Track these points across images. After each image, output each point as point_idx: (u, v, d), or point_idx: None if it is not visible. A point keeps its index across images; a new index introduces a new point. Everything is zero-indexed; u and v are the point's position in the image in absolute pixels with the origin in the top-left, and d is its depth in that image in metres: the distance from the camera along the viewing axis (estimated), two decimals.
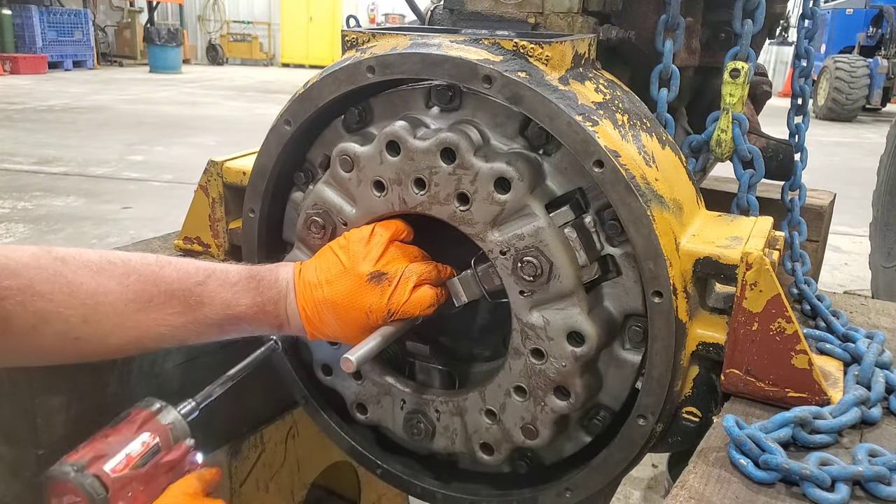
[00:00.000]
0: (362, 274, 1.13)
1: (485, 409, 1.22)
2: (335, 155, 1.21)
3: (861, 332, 1.30)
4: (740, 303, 1.05)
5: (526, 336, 1.14)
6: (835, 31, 16.51)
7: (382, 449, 1.43)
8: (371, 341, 1.12)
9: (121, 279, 1.06)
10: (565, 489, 1.23)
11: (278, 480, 1.73)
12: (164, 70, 20.01)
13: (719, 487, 0.90)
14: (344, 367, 1.09)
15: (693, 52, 1.61)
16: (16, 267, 0.96)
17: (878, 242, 4.31)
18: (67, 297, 1.00)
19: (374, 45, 1.22)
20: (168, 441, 1.07)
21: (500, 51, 1.12)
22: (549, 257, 1.08)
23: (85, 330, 1.02)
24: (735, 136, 1.41)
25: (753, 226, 1.18)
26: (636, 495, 3.02)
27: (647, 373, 1.12)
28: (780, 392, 1.06)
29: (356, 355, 1.09)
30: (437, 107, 1.20)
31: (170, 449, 1.07)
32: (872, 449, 0.95)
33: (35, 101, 12.91)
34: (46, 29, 18.61)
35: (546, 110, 1.06)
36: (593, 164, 1.05)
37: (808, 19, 1.60)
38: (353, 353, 1.09)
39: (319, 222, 1.24)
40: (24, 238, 5.83)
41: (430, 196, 1.14)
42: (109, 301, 1.04)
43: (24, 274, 0.96)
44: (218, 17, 25.47)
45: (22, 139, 9.48)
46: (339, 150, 1.20)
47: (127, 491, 1.00)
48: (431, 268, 1.17)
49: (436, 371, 1.34)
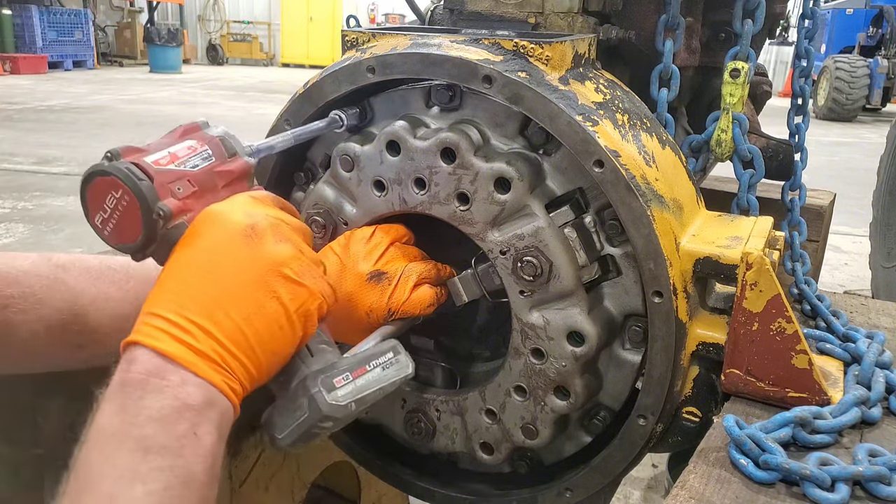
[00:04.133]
0: (362, 273, 1.13)
1: (485, 409, 1.22)
2: (336, 154, 1.21)
3: (861, 332, 1.30)
4: (740, 303, 1.05)
5: (526, 336, 1.14)
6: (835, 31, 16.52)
7: (383, 449, 1.43)
8: (371, 341, 1.12)
9: (121, 284, 1.06)
10: (565, 489, 1.23)
11: (278, 480, 1.73)
12: (164, 70, 20.02)
13: (719, 487, 0.90)
14: None
15: (693, 52, 1.61)
16: (17, 275, 0.96)
17: (878, 242, 4.31)
18: (69, 305, 1.00)
19: (374, 45, 1.22)
20: (220, 152, 0.91)
21: (500, 51, 1.12)
22: (549, 257, 1.08)
23: (87, 337, 1.02)
24: (735, 136, 1.41)
25: (753, 226, 1.18)
26: (636, 495, 3.02)
27: (647, 373, 1.12)
28: (781, 392, 1.06)
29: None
30: (437, 107, 1.20)
31: (224, 160, 0.90)
32: (872, 449, 0.95)
33: (35, 101, 12.91)
34: (46, 29, 18.62)
35: (546, 110, 1.06)
36: (593, 164, 1.05)
37: (808, 19, 1.60)
38: (354, 353, 1.09)
39: (320, 221, 1.24)
40: (24, 238, 5.83)
41: (430, 196, 1.14)
42: (110, 307, 1.04)
43: (24, 282, 0.96)
44: (218, 17, 25.48)
45: (22, 139, 9.48)
46: (340, 150, 1.20)
47: (176, 185, 0.84)
48: (431, 267, 1.17)
49: (438, 368, 1.34)
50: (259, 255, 0.82)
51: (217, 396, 0.76)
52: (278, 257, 0.83)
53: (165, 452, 0.69)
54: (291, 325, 0.84)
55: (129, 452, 0.68)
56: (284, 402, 0.87)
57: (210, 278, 0.80)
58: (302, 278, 0.85)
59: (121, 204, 0.82)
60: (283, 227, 0.87)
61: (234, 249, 0.81)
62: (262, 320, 0.81)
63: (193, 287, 0.79)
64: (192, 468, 0.71)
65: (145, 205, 0.81)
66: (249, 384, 0.81)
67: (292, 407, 0.85)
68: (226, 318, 0.78)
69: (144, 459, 0.68)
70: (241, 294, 0.80)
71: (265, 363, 0.82)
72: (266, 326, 0.81)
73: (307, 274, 0.86)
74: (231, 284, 0.80)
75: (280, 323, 0.82)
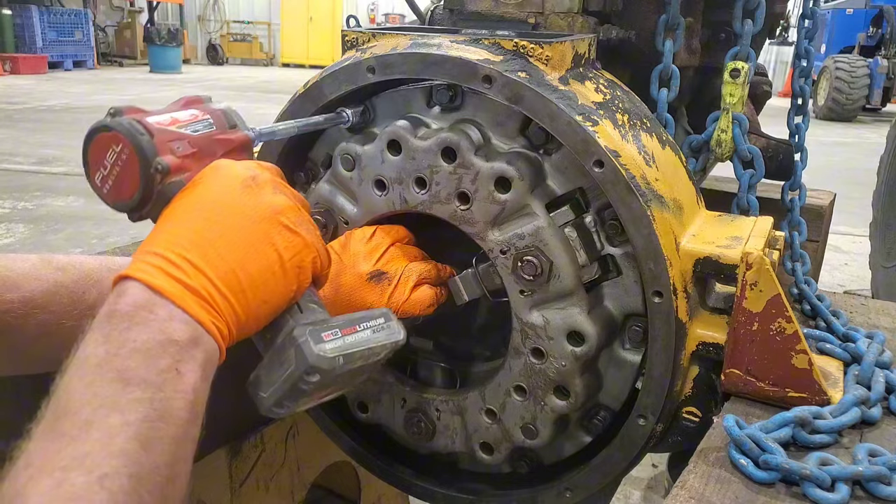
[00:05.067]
0: (362, 273, 1.13)
1: (485, 409, 1.22)
2: (337, 154, 1.21)
3: (861, 332, 1.30)
4: (740, 303, 1.05)
5: (526, 335, 1.14)
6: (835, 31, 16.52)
7: (383, 449, 1.43)
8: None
9: None
10: (565, 489, 1.23)
11: (278, 480, 1.73)
12: (164, 70, 20.02)
13: (719, 487, 0.90)
14: None
15: (693, 52, 1.61)
16: (16, 279, 0.96)
17: (878, 242, 4.31)
18: (69, 309, 0.99)
19: (374, 45, 1.22)
20: (222, 122, 0.91)
21: (500, 51, 1.12)
22: (549, 257, 1.08)
23: None
24: (735, 136, 1.41)
25: (753, 226, 1.18)
26: (636, 495, 3.02)
27: (647, 373, 1.12)
28: (781, 392, 1.06)
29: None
30: (438, 106, 1.20)
31: (225, 130, 0.91)
32: (872, 449, 0.95)
33: (35, 101, 12.91)
34: (46, 29, 18.62)
35: (546, 110, 1.06)
36: (593, 164, 1.05)
37: (808, 19, 1.60)
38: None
39: (321, 221, 1.24)
40: (25, 238, 5.83)
41: (430, 195, 1.14)
42: None
43: (24, 286, 0.96)
44: (218, 17, 25.49)
45: (22, 139, 9.48)
46: (341, 149, 1.20)
47: (175, 144, 0.85)
48: (431, 267, 1.17)
49: (438, 368, 1.34)
50: (258, 202, 0.83)
51: (203, 336, 0.75)
52: (277, 206, 0.84)
53: (145, 385, 0.69)
54: (285, 273, 0.84)
55: (110, 382, 0.68)
56: (271, 357, 0.85)
57: (207, 220, 0.80)
58: (298, 228, 0.85)
59: (120, 159, 0.82)
60: (283, 184, 0.88)
61: (233, 195, 0.82)
62: (256, 265, 0.81)
63: (190, 227, 0.80)
64: (171, 403, 0.70)
65: (144, 158, 0.81)
66: (237, 329, 0.80)
67: (279, 360, 0.84)
68: (220, 259, 0.78)
69: (124, 390, 0.67)
70: (237, 237, 0.80)
71: (255, 310, 0.82)
72: (259, 272, 0.81)
73: (303, 225, 0.87)
74: (228, 227, 0.80)
75: (273, 269, 0.82)
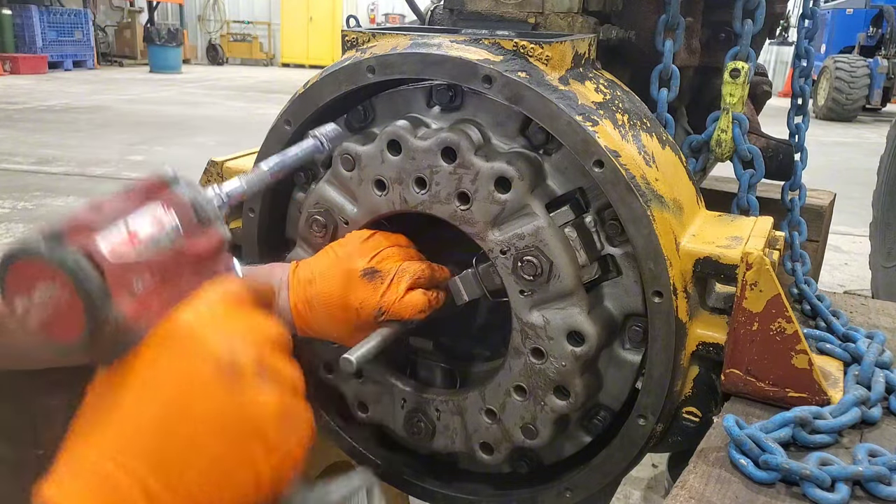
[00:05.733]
0: (356, 269, 1.13)
1: (485, 409, 1.22)
2: (337, 154, 1.21)
3: (861, 332, 1.30)
4: (740, 303, 1.05)
5: (526, 335, 1.14)
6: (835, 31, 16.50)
7: (383, 449, 1.43)
8: (371, 341, 1.12)
9: None
10: (565, 489, 1.23)
11: None
12: (164, 70, 20.00)
13: (719, 487, 0.90)
14: (344, 367, 1.09)
15: (693, 52, 1.61)
16: None
17: (878, 242, 4.31)
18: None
19: (374, 45, 1.22)
20: (190, 221, 0.71)
21: (500, 51, 1.12)
22: (549, 257, 1.08)
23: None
24: (735, 136, 1.42)
25: (753, 226, 1.18)
26: (636, 495, 3.02)
27: (647, 373, 1.12)
28: (781, 392, 1.06)
29: (356, 355, 1.09)
30: (438, 106, 1.20)
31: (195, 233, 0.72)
32: (872, 449, 0.95)
33: (35, 101, 12.91)
34: (46, 29, 18.59)
35: (546, 110, 1.06)
36: (593, 164, 1.05)
37: (808, 19, 1.61)
38: (353, 352, 1.09)
39: (321, 221, 1.24)
40: None
41: (430, 195, 1.14)
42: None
43: None
44: (218, 17, 25.47)
45: (22, 139, 9.47)
46: (341, 149, 1.20)
47: (134, 279, 0.65)
48: (426, 267, 1.17)
49: (438, 368, 1.34)
50: (235, 405, 0.66)
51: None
52: (259, 413, 0.67)
53: None
54: (259, 493, 0.68)
55: None
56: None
57: (167, 430, 0.64)
58: (286, 436, 0.69)
59: (57, 298, 0.62)
60: (270, 361, 0.70)
61: (203, 391, 0.65)
62: (225, 491, 0.66)
63: (145, 432, 0.64)
64: None
65: (93, 309, 0.62)
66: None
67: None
68: (179, 481, 0.63)
69: None
70: (205, 461, 0.65)
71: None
72: (228, 498, 0.66)
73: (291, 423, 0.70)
74: (194, 445, 0.65)
75: (245, 492, 0.67)
